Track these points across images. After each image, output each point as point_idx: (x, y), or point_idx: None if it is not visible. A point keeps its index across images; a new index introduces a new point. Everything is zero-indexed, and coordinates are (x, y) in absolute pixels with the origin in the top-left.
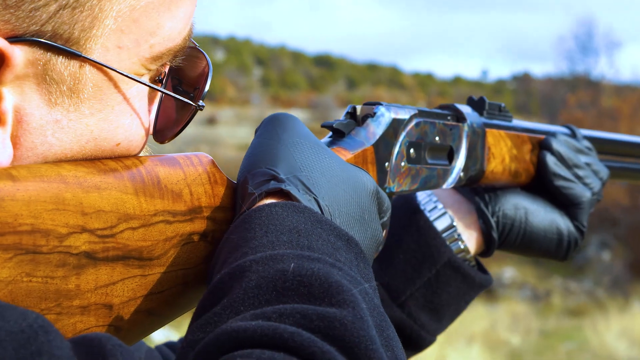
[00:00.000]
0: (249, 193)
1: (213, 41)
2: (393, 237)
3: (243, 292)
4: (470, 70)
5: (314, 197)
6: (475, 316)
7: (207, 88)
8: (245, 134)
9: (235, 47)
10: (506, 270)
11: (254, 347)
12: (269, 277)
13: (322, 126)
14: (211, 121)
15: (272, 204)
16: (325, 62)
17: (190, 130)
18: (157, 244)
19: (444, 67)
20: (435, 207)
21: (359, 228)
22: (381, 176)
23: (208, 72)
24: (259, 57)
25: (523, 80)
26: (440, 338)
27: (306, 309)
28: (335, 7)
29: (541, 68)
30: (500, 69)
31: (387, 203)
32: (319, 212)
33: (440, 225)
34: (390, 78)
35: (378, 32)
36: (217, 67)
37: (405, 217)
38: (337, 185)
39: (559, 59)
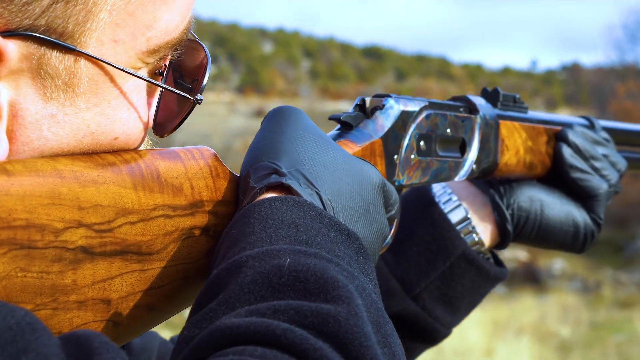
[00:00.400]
0: (251, 187)
1: (261, 33)
2: (407, 229)
3: (239, 287)
4: (520, 61)
5: (315, 191)
6: (525, 308)
7: (205, 80)
8: None
9: (283, 39)
10: (556, 261)
11: (247, 343)
12: (265, 272)
13: (330, 119)
14: (260, 113)
15: (271, 198)
16: (374, 54)
17: (239, 122)
18: (156, 238)
19: (493, 58)
20: (450, 199)
21: (363, 222)
22: (390, 169)
23: (206, 65)
24: (308, 49)
25: (572, 70)
26: (489, 329)
27: (300, 305)
28: None
29: (590, 58)
30: (550, 59)
31: (395, 196)
32: (321, 206)
33: (454, 217)
34: (439, 69)
35: (427, 22)
36: (266, 59)
37: (420, 209)
38: (341, 178)
39: (608, 49)
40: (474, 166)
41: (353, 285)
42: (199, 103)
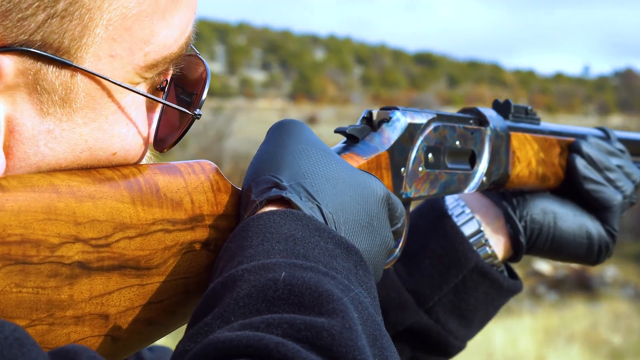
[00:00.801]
0: (251, 201)
1: (313, 40)
2: (420, 241)
3: (234, 301)
4: (572, 67)
5: (316, 205)
6: (576, 315)
7: (204, 95)
8: None
9: (335, 45)
10: (608, 268)
11: (240, 357)
12: (260, 286)
13: (336, 131)
14: (312, 120)
15: (270, 212)
16: (425, 60)
17: None
18: (155, 253)
19: (545, 64)
20: (462, 212)
21: (366, 235)
22: (397, 182)
23: (206, 79)
24: (360, 56)
25: (625, 76)
26: (540, 337)
27: (294, 318)
28: (435, 4)
29: None
30: (602, 65)
31: (401, 209)
32: (321, 219)
33: (467, 230)
34: (491, 75)
35: (479, 28)
36: (318, 66)
37: (432, 221)
38: (343, 192)
39: None
40: (484, 178)
41: (348, 298)
42: (198, 118)
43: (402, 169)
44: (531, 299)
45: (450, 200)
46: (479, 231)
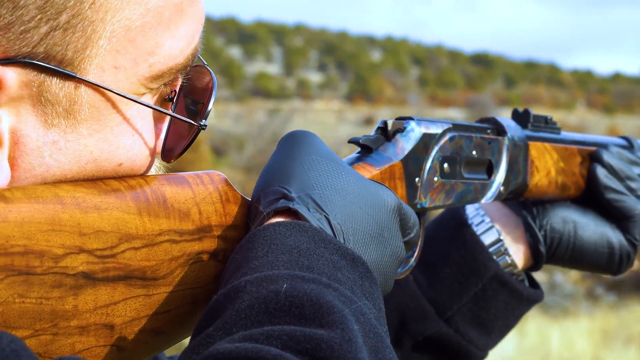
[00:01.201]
0: (259, 212)
1: (370, 41)
2: (440, 251)
3: (235, 313)
4: (630, 66)
5: (324, 216)
6: (635, 317)
7: (210, 105)
8: None
9: (392, 47)
10: None
11: None
12: (262, 298)
13: (349, 142)
14: (368, 121)
15: (277, 223)
16: (482, 61)
17: (348, 130)
18: (162, 263)
19: (603, 64)
20: (482, 221)
21: (376, 245)
22: (411, 192)
23: (212, 89)
24: (416, 57)
25: None
26: (597, 338)
27: (294, 330)
28: (492, 4)
29: None
30: None
31: (414, 219)
32: (329, 230)
33: (487, 239)
34: (548, 76)
35: (536, 28)
36: (375, 68)
37: (452, 230)
38: (353, 202)
39: None
40: (502, 188)
41: (350, 310)
42: (203, 129)
43: (417, 179)
44: (588, 300)
45: (470, 209)
46: (498, 240)
